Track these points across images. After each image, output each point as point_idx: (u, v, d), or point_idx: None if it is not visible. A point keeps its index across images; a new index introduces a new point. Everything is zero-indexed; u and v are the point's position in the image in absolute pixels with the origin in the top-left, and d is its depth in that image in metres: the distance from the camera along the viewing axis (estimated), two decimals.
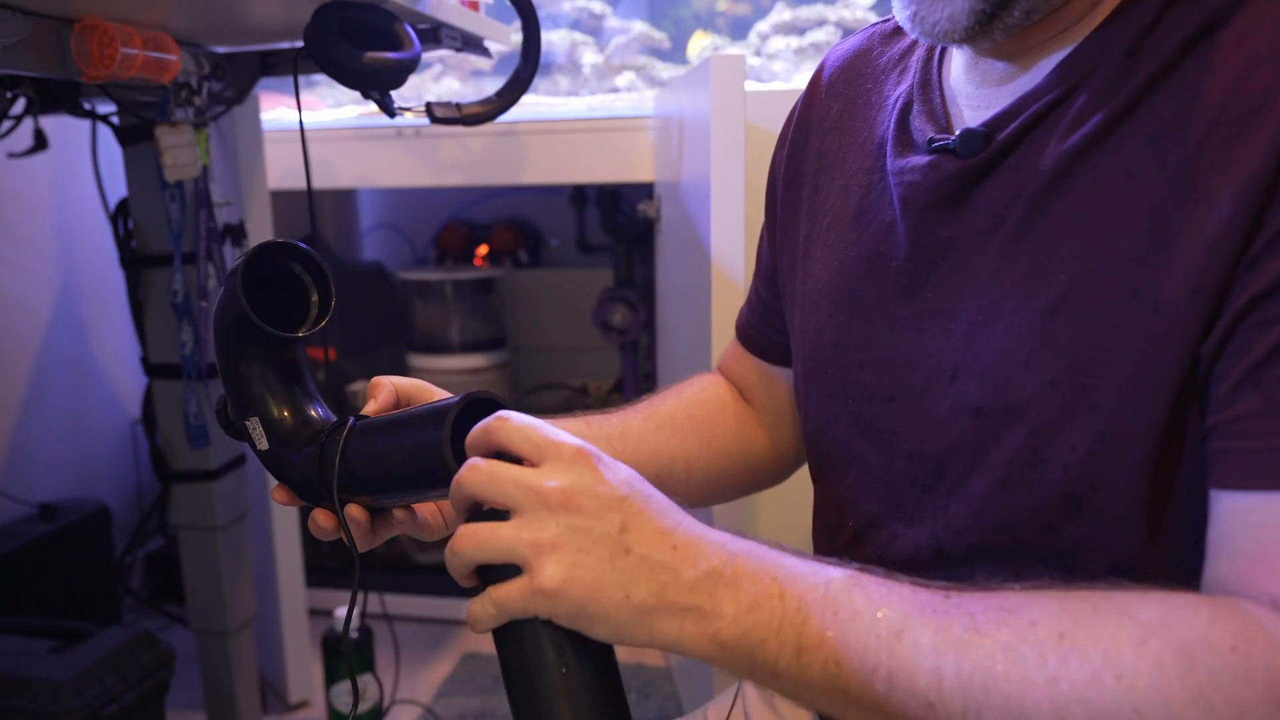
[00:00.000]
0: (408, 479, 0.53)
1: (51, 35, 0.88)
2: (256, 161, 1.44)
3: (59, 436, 1.78)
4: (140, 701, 1.21)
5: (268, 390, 0.58)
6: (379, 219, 2.48)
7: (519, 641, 0.47)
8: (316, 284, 0.59)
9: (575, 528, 0.45)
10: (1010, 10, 0.50)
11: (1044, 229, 0.51)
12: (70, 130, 1.42)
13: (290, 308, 0.58)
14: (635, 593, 0.45)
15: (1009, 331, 0.51)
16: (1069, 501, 0.49)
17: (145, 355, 1.24)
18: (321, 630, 1.54)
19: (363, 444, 0.55)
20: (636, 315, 1.94)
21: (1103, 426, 0.48)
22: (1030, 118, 0.52)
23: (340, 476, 0.55)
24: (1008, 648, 0.42)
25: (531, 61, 1.17)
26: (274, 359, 0.58)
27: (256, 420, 0.58)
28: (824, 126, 0.68)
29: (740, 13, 2.01)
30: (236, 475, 1.29)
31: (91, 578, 1.67)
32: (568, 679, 0.45)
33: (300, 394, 0.59)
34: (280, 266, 0.57)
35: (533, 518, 0.45)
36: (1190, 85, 0.46)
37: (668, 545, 0.45)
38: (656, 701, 1.58)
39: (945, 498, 0.55)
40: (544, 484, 0.45)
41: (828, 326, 0.63)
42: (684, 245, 1.37)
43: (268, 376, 0.58)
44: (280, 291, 0.57)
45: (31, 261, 1.73)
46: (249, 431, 0.58)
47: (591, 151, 1.68)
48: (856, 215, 0.62)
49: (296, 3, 0.95)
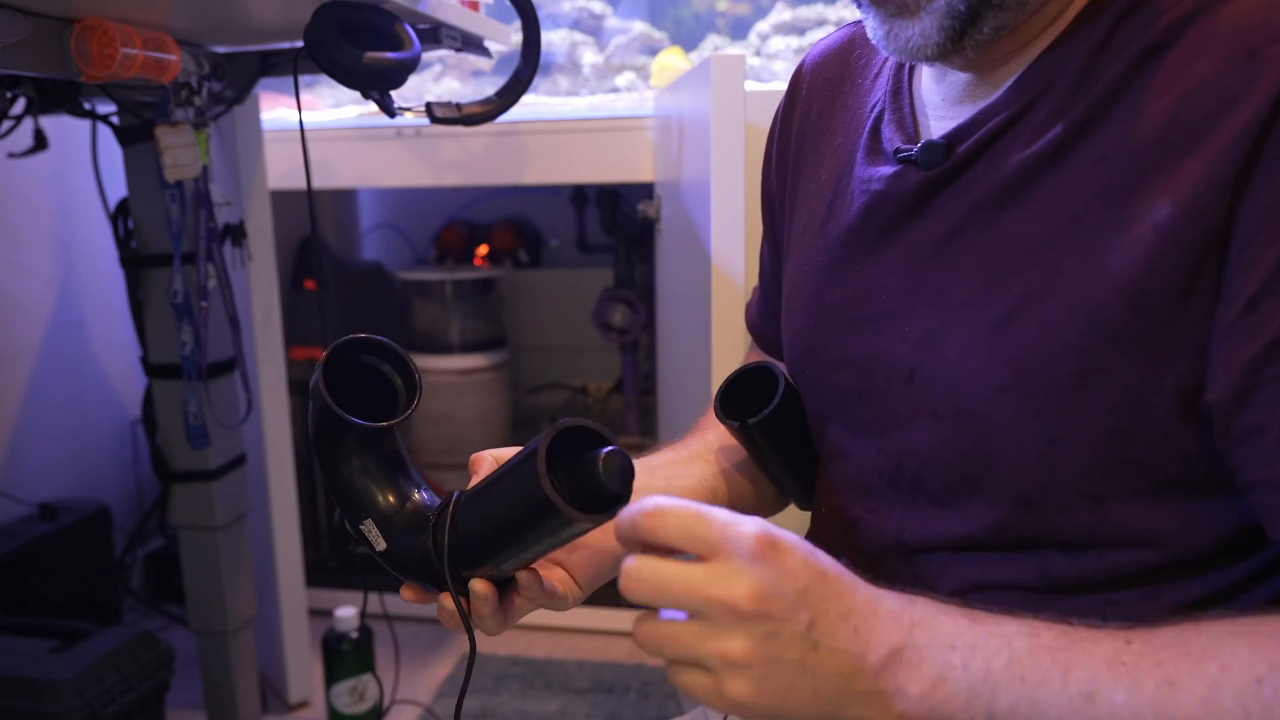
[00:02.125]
0: (515, 527, 0.51)
1: (51, 35, 0.88)
2: (256, 161, 1.44)
3: (59, 436, 1.78)
4: (140, 701, 1.21)
5: (372, 484, 0.57)
6: (379, 219, 2.48)
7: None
8: (398, 371, 0.58)
9: (765, 635, 0.41)
10: (980, 27, 0.51)
11: (997, 241, 0.52)
12: (70, 130, 1.42)
13: (376, 398, 0.57)
14: (823, 689, 0.42)
15: (962, 339, 0.53)
16: (1020, 500, 0.51)
17: (145, 355, 1.24)
18: (321, 630, 1.54)
19: (468, 511, 0.54)
20: (636, 315, 1.94)
21: (1049, 431, 0.49)
22: (989, 132, 0.53)
23: (454, 552, 0.53)
24: (1205, 702, 0.40)
25: (531, 61, 1.17)
26: (371, 452, 0.57)
27: (370, 522, 0.57)
28: (805, 127, 0.70)
29: (740, 13, 2.01)
30: (236, 475, 1.29)
31: (91, 578, 1.67)
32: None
33: (405, 483, 0.58)
34: (358, 362, 0.57)
35: (718, 625, 0.41)
36: (1137, 107, 0.47)
37: (850, 629, 0.43)
38: (656, 701, 1.58)
39: (907, 493, 0.57)
40: (730, 593, 0.41)
41: (802, 328, 0.65)
42: (684, 245, 1.37)
43: (369, 469, 0.57)
44: (364, 384, 0.57)
45: (31, 261, 1.73)
46: (365, 536, 0.57)
47: (591, 151, 1.68)
48: (825, 221, 0.64)
49: (296, 3, 0.95)
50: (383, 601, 1.57)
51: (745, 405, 0.66)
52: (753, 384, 0.68)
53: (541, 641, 1.80)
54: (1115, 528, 0.50)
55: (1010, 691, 0.42)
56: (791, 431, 0.67)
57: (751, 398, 0.67)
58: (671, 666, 0.43)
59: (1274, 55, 0.43)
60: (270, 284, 1.50)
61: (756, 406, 0.65)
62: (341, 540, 1.96)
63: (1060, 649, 0.43)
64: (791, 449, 0.67)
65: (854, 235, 0.61)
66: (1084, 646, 0.43)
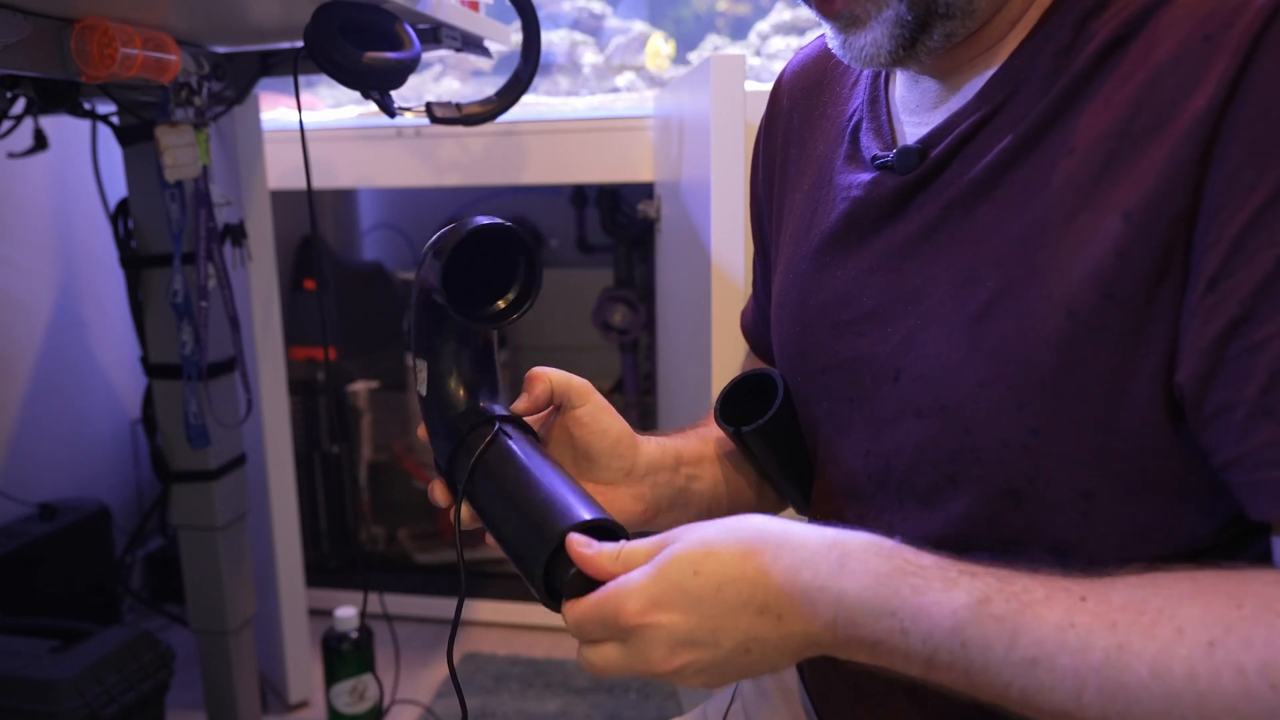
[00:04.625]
0: (509, 548, 0.55)
1: (51, 35, 0.88)
2: (256, 161, 1.44)
3: (59, 436, 1.78)
4: (140, 701, 1.21)
5: (447, 354, 0.60)
6: (379, 219, 2.48)
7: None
8: (527, 264, 0.59)
9: (700, 668, 0.48)
10: (930, 34, 0.52)
11: (972, 237, 0.53)
12: (70, 130, 1.42)
13: (492, 281, 0.59)
14: (773, 665, 0.49)
15: (942, 337, 0.53)
16: (1009, 494, 0.52)
17: (145, 355, 1.24)
18: (321, 630, 1.54)
19: (486, 478, 0.57)
20: (636, 315, 1.94)
21: (1033, 423, 0.50)
22: (961, 134, 0.54)
23: (463, 489, 0.57)
24: (1154, 666, 0.41)
25: (531, 61, 1.17)
26: (464, 334, 0.60)
27: (424, 365, 0.59)
28: (788, 138, 0.71)
29: (740, 13, 2.01)
30: (236, 475, 1.29)
31: (91, 578, 1.67)
32: None
33: (473, 370, 0.60)
34: (490, 244, 0.58)
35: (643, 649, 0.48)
36: (1102, 98, 0.48)
37: (772, 621, 0.48)
38: (656, 701, 1.59)
39: (896, 495, 0.57)
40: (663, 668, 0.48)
41: (790, 335, 0.66)
42: (684, 245, 1.37)
43: (457, 352, 0.60)
44: (489, 264, 0.58)
45: (31, 261, 1.73)
46: (415, 370, 0.60)
47: (591, 151, 1.68)
48: (808, 229, 0.65)
49: (296, 3, 0.95)
50: (383, 601, 1.57)
51: (745, 411, 0.67)
52: (753, 391, 0.68)
53: (541, 641, 1.80)
54: (1104, 525, 0.50)
55: (949, 653, 0.44)
56: (788, 439, 0.67)
57: (752, 404, 0.67)
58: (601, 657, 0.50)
59: (1228, 39, 0.44)
60: (270, 284, 1.50)
61: (756, 413, 0.66)
62: (342, 542, 1.96)
63: (1009, 616, 0.44)
64: (789, 456, 0.67)
65: (835, 241, 0.61)
66: (1035, 611, 0.44)
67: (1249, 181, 0.43)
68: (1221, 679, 0.39)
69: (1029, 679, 0.43)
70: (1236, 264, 0.43)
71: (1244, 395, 0.43)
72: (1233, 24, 0.44)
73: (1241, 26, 0.43)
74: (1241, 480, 0.45)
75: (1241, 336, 0.43)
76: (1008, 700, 0.44)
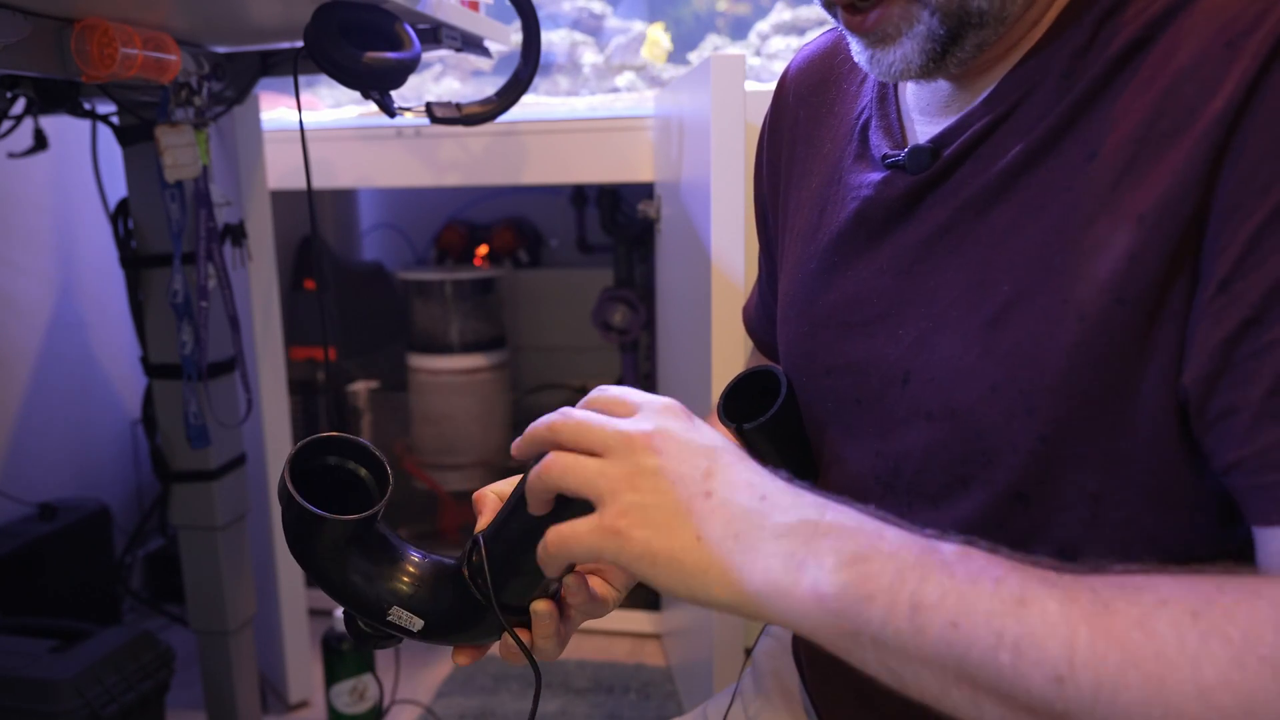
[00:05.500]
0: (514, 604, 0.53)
1: (51, 35, 0.88)
2: (256, 161, 1.44)
3: (59, 436, 1.79)
4: (140, 701, 1.22)
5: (380, 572, 0.55)
6: (379, 219, 2.48)
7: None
8: (363, 463, 0.56)
9: (655, 469, 0.44)
10: (961, 45, 0.52)
11: (986, 241, 0.52)
12: (70, 130, 1.42)
13: (345, 498, 0.55)
14: (709, 531, 0.43)
15: (954, 340, 0.53)
16: (1018, 497, 0.51)
17: (145, 355, 1.24)
18: (321, 630, 1.54)
19: (498, 542, 0.53)
20: (636, 315, 1.94)
21: (1042, 428, 0.49)
22: (975, 134, 0.53)
23: (499, 588, 0.52)
24: (1142, 624, 0.39)
25: (531, 61, 1.17)
26: (360, 544, 0.55)
27: (396, 608, 0.55)
28: (794, 135, 0.70)
29: (740, 13, 2.01)
30: (236, 475, 1.29)
31: (91, 578, 1.67)
32: None
33: (405, 559, 0.56)
34: (323, 463, 0.56)
35: (618, 457, 0.45)
36: (1121, 102, 0.48)
37: (755, 494, 0.44)
38: (656, 701, 1.58)
39: (904, 497, 0.57)
40: (632, 428, 0.46)
41: (797, 335, 0.65)
42: (684, 245, 1.37)
43: (375, 558, 0.55)
44: (328, 487, 0.55)
45: (31, 261, 1.73)
46: (398, 624, 0.55)
47: (591, 151, 1.68)
48: (816, 228, 0.64)
49: (296, 3, 0.95)
50: None
51: (749, 408, 0.67)
52: (757, 387, 0.68)
53: None
54: (1110, 528, 0.50)
55: (939, 584, 0.40)
56: (792, 437, 0.67)
57: (756, 401, 0.67)
58: (560, 528, 0.46)
59: (1250, 45, 0.43)
60: (270, 284, 1.50)
61: (759, 410, 0.66)
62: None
63: (995, 562, 0.41)
64: (792, 454, 0.67)
65: (845, 241, 0.61)
66: (1017, 566, 0.41)
67: (1263, 184, 0.43)
68: (1210, 645, 0.38)
69: (1021, 625, 0.39)
70: (1249, 266, 0.43)
71: (1250, 398, 0.43)
72: (1254, 30, 0.44)
73: (1263, 33, 0.43)
74: (1243, 484, 0.44)
75: (1251, 339, 0.43)
76: (997, 665, 0.39)
